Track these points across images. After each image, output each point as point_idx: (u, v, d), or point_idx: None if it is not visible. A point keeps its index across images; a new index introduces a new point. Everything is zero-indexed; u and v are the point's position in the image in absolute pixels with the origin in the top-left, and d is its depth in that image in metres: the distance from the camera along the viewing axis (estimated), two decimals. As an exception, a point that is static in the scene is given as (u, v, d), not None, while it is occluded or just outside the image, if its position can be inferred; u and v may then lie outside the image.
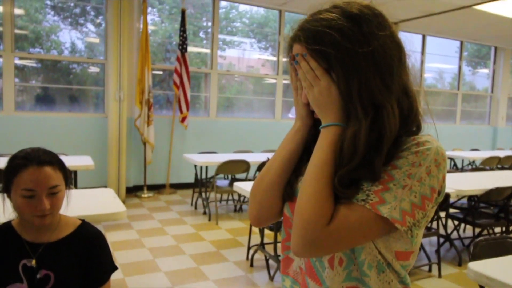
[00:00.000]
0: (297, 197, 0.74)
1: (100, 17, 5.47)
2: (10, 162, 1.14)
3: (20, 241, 1.18)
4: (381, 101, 0.72)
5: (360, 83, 0.72)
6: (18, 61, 5.03)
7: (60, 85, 5.32)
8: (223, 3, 6.22)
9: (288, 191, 0.84)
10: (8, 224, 1.22)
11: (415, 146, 0.71)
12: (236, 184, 3.17)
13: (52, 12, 5.34)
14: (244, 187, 3.05)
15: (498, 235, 3.79)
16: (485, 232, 3.81)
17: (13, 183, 1.12)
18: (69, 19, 5.42)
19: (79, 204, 2.12)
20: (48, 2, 5.25)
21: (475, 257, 1.68)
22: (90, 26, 5.57)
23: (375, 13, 0.75)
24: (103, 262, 1.28)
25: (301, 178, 0.82)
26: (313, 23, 0.75)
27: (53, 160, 1.15)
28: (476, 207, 3.56)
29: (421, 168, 0.70)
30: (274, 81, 6.66)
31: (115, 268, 1.32)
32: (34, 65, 5.26)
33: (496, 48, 8.82)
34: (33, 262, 1.16)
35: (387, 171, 0.70)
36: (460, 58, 8.46)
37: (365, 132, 0.71)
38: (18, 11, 4.95)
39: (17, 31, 4.93)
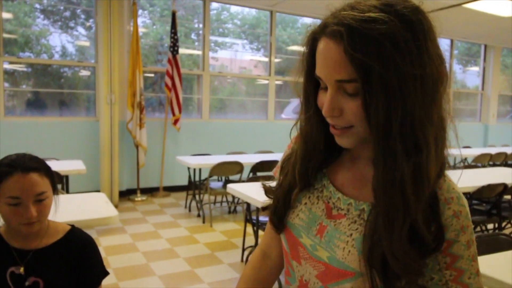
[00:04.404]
0: None
1: (91, 20, 5.42)
2: None
3: (8, 248, 1.16)
4: (422, 140, 0.58)
5: (404, 113, 0.57)
6: (8, 66, 4.97)
7: (51, 89, 5.27)
8: (214, 5, 6.21)
9: (277, 224, 0.78)
10: (-5, 232, 1.20)
11: (447, 205, 0.62)
12: (229, 186, 3.15)
13: (42, 16, 5.29)
14: (238, 189, 3.03)
15: (490, 231, 3.81)
16: (478, 228, 3.84)
17: (-1, 191, 1.09)
18: (59, 23, 5.38)
19: (70, 209, 2.10)
20: (38, 6, 5.20)
21: (467, 254, 1.68)
22: (81, 30, 5.52)
23: (429, 20, 0.60)
24: (94, 268, 1.26)
25: (293, 210, 0.76)
26: (361, 23, 0.56)
27: (39, 166, 1.13)
28: (469, 204, 3.58)
29: (468, 231, 0.63)
30: (266, 82, 6.66)
31: (106, 273, 1.30)
32: (25, 69, 5.21)
33: (486, 46, 8.90)
34: (21, 269, 1.14)
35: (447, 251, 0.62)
36: (451, 56, 8.52)
37: (411, 182, 0.58)
38: (6, 15, 4.90)
39: (6, 35, 4.88)
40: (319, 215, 0.72)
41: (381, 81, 0.56)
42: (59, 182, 3.37)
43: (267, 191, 0.84)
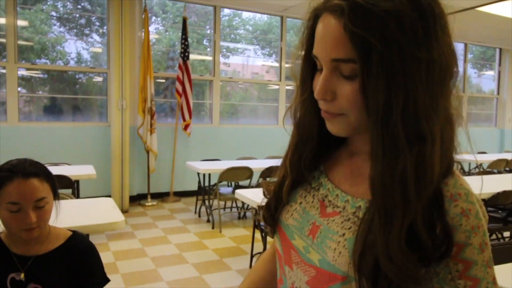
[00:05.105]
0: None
1: (105, 27, 5.51)
2: None
3: (9, 254, 1.16)
4: (426, 129, 0.53)
5: (407, 98, 0.52)
6: (25, 72, 5.08)
7: (65, 95, 5.37)
8: (226, 11, 6.25)
9: (269, 220, 0.73)
10: (-4, 237, 1.20)
11: (453, 202, 0.55)
12: (237, 191, 3.13)
13: (58, 23, 5.41)
14: (246, 195, 3.01)
15: (507, 239, 3.70)
16: (494, 236, 3.73)
17: (-1, 196, 1.10)
18: (75, 30, 5.48)
19: (78, 214, 2.11)
20: (54, 14, 5.31)
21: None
22: (95, 36, 5.62)
23: (441, 6, 0.56)
24: (95, 274, 1.26)
25: (287, 210, 0.72)
26: None
27: (39, 171, 1.13)
28: (484, 212, 3.48)
29: (480, 232, 0.56)
30: (277, 87, 6.65)
31: (107, 280, 1.29)
32: (41, 75, 5.31)
33: (501, 50, 8.72)
34: (22, 275, 1.14)
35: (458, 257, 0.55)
36: (465, 60, 8.38)
37: (413, 176, 0.52)
38: (23, 22, 5.01)
39: (23, 42, 4.99)
40: (313, 215, 0.68)
41: (382, 61, 0.52)
42: (70, 187, 3.40)
43: (266, 191, 0.80)
